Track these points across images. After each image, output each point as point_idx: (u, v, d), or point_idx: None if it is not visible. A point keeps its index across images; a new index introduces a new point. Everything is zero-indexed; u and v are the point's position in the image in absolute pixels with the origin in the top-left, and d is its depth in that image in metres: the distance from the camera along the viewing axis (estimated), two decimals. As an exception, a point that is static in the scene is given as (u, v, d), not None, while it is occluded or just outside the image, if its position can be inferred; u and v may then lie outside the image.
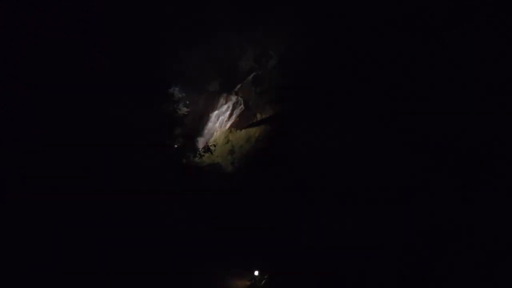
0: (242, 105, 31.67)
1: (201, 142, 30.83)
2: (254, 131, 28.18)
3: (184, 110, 28.08)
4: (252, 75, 32.47)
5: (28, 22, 10.42)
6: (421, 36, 13.97)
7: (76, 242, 10.25)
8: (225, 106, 32.22)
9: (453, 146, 10.99)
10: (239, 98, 32.05)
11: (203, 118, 32.57)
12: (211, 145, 21.76)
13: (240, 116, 31.18)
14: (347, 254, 12.27)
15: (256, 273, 16.03)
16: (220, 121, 32.04)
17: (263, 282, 15.75)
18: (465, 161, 10.36)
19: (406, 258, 10.14)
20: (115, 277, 11.01)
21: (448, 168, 10.81)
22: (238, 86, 32.58)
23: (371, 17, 18.36)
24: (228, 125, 31.14)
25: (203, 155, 21.28)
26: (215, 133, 31.68)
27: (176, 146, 18.89)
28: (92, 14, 11.96)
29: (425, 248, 9.85)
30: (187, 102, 31.80)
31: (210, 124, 32.41)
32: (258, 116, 29.40)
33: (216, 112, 32.48)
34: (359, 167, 14.54)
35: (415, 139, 12.68)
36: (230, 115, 31.72)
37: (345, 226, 13.00)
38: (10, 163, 9.58)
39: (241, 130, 29.37)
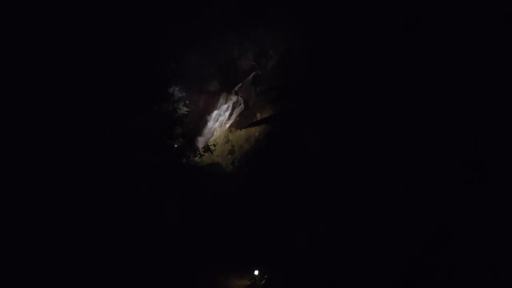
0: (242, 105, 31.72)
1: (201, 142, 30.90)
2: (254, 131, 28.21)
3: (184, 110, 28.16)
4: (252, 75, 32.51)
5: (25, 21, 10.42)
6: (422, 37, 13.97)
7: (76, 243, 10.26)
8: (225, 106, 32.26)
9: (453, 148, 11.00)
10: (239, 97, 32.09)
11: (203, 118, 32.61)
12: (211, 145, 21.76)
13: (240, 115, 31.23)
14: (348, 254, 12.28)
15: (256, 272, 16.04)
16: (220, 121, 32.08)
17: (263, 282, 15.76)
18: (466, 162, 10.38)
19: (407, 260, 10.14)
20: (114, 277, 11.03)
21: (449, 169, 10.82)
22: (238, 86, 32.62)
23: (371, 17, 18.36)
24: (228, 124, 31.18)
25: (203, 155, 21.27)
26: (215, 133, 31.73)
27: (176, 146, 18.89)
28: (91, 13, 11.97)
29: (426, 250, 9.86)
30: (187, 102, 31.88)
31: (210, 124, 32.45)
32: (258, 116, 29.44)
33: (216, 112, 32.51)
34: (360, 168, 14.54)
35: (414, 139, 12.69)
36: (230, 114, 31.77)
37: (346, 226, 13.01)
38: (9, 164, 9.59)
39: (241, 129, 29.41)
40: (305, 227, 15.41)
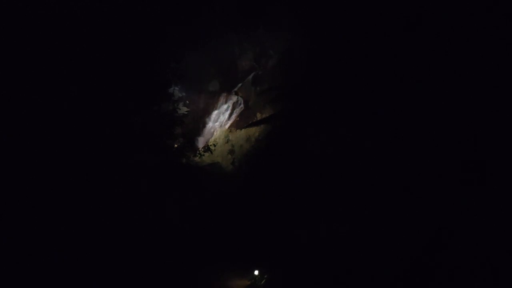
0: (242, 105, 31.71)
1: (201, 142, 30.89)
2: (254, 131, 28.20)
3: (184, 110, 28.16)
4: (252, 75, 32.51)
5: (25, 21, 10.42)
6: (422, 37, 13.96)
7: (76, 243, 10.26)
8: (225, 106, 32.25)
9: (453, 148, 11.00)
10: (239, 97, 32.09)
11: (203, 118, 32.60)
12: (211, 145, 21.77)
13: (240, 115, 31.22)
14: (348, 254, 12.28)
15: (256, 272, 16.05)
16: (220, 121, 32.07)
17: (263, 281, 15.77)
18: (466, 162, 10.37)
19: (407, 260, 10.14)
20: (114, 277, 11.03)
21: (449, 169, 10.82)
22: (238, 85, 32.63)
23: (371, 17, 18.36)
24: (228, 124, 31.16)
25: (203, 155, 21.29)
26: (215, 133, 31.71)
27: (176, 146, 18.90)
28: (91, 13, 11.97)
29: (426, 250, 9.86)
30: (187, 102, 31.89)
31: (210, 124, 32.44)
32: (258, 116, 29.44)
33: (216, 112, 32.50)
34: (360, 168, 14.54)
35: (414, 139, 12.69)
36: (230, 114, 31.75)
37: (346, 226, 13.00)
38: (9, 164, 9.59)
39: (241, 129, 29.41)
40: (305, 227, 15.41)
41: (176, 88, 28.32)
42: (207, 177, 24.49)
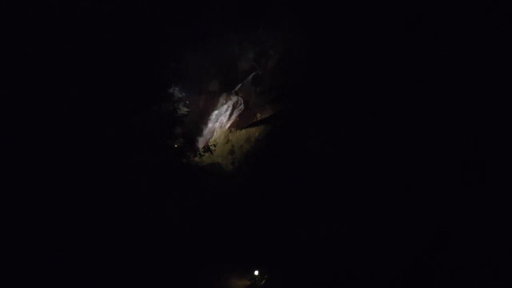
0: (242, 105, 31.69)
1: (201, 142, 30.88)
2: (254, 131, 28.19)
3: (184, 110, 28.15)
4: (252, 75, 32.51)
5: (25, 21, 10.42)
6: (422, 37, 13.97)
7: (76, 243, 10.26)
8: (225, 106, 32.23)
9: (453, 148, 11.00)
10: (239, 98, 32.07)
11: (203, 118, 32.57)
12: (211, 145, 21.79)
13: (240, 116, 31.21)
14: (348, 254, 12.28)
15: (256, 273, 16.05)
16: (220, 121, 32.06)
17: (263, 282, 15.77)
18: (466, 162, 10.37)
19: (407, 260, 10.13)
20: (114, 277, 11.02)
21: (449, 169, 10.82)
22: (238, 86, 32.61)
23: (371, 17, 18.36)
24: (228, 125, 31.16)
25: (203, 155, 21.31)
26: (215, 133, 31.70)
27: (176, 146, 18.91)
28: (91, 13, 11.97)
29: (426, 250, 9.85)
30: (187, 102, 31.88)
31: (210, 124, 32.42)
32: (258, 116, 29.43)
33: (216, 112, 32.48)
34: (360, 168, 14.54)
35: (414, 139, 12.68)
36: (230, 115, 31.74)
37: (346, 226, 13.00)
38: (9, 164, 9.59)
39: (241, 130, 29.39)
40: (305, 227, 15.41)
41: (176, 88, 28.31)
42: (207, 177, 24.47)
